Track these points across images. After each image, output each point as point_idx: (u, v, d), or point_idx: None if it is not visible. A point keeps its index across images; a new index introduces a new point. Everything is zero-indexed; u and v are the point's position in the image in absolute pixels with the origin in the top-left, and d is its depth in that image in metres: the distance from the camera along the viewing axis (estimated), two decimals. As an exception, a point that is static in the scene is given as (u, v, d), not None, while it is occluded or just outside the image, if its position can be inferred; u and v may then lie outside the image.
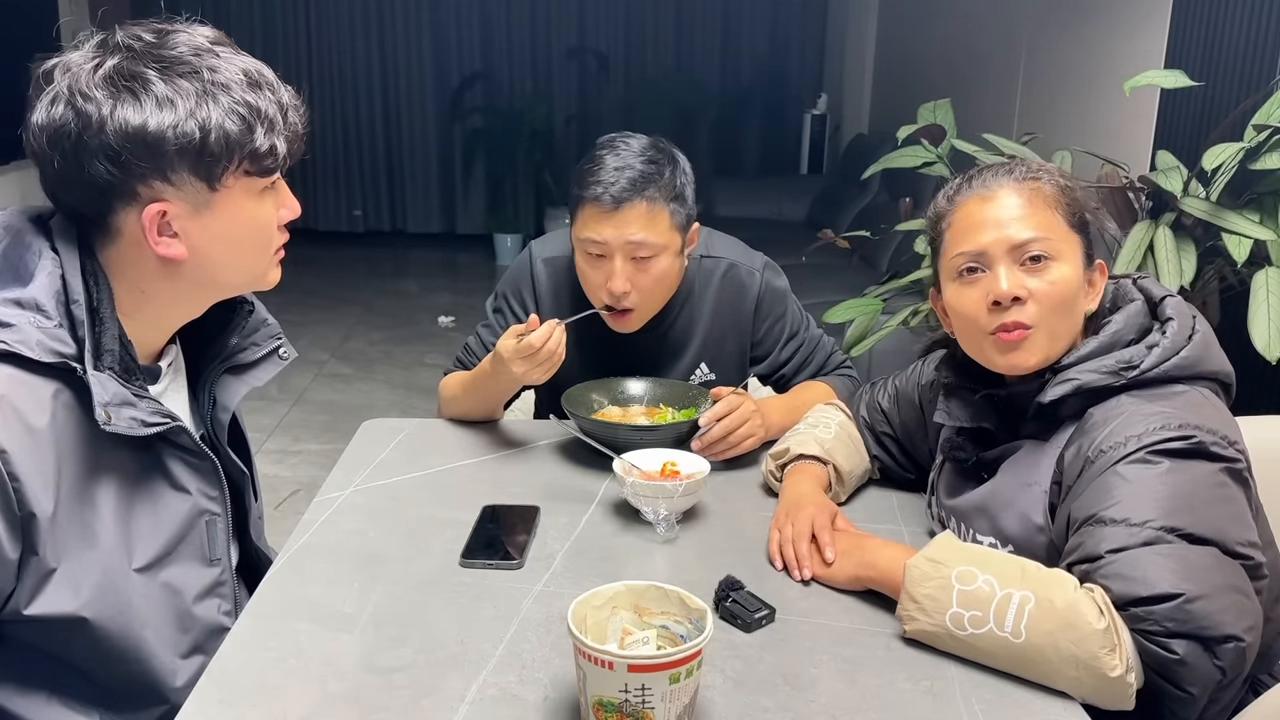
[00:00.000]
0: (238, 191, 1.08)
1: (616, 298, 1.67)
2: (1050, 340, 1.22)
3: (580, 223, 1.66)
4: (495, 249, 6.84)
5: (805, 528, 1.31)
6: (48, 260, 1.06)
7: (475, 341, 1.86)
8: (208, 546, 1.20)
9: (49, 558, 1.03)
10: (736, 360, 1.85)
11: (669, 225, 1.65)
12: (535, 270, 1.85)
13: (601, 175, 1.63)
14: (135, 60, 1.03)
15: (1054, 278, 1.20)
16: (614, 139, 1.70)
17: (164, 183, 1.04)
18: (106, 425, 1.03)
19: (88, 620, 1.07)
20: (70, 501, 1.05)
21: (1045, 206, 1.23)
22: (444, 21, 6.97)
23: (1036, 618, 1.05)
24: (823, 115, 6.41)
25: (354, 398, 4.32)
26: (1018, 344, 1.21)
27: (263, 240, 1.15)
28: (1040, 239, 1.20)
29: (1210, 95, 2.83)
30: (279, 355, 1.31)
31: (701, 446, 1.56)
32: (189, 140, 1.02)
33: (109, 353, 1.07)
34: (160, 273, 1.10)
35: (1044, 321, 1.21)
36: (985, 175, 1.27)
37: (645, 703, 0.93)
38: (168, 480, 1.16)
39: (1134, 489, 1.10)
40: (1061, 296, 1.21)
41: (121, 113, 1.01)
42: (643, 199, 1.62)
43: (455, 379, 1.81)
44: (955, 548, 1.15)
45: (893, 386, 1.56)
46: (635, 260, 1.65)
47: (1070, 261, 1.22)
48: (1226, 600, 1.03)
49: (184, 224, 1.07)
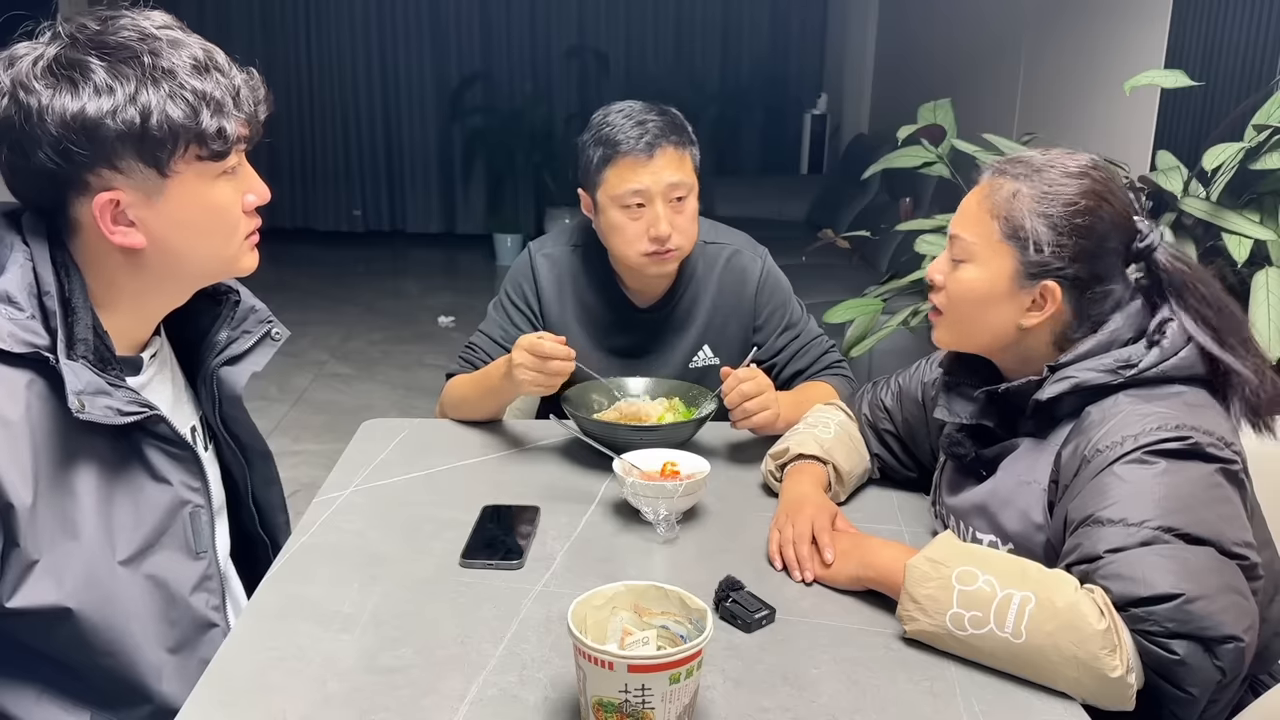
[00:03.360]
0: (190, 177, 1.08)
1: (663, 240, 1.72)
2: (955, 331, 1.32)
3: (613, 180, 1.72)
4: (495, 249, 6.83)
5: (805, 529, 1.31)
6: (19, 253, 1.07)
7: (482, 339, 1.87)
8: (192, 539, 1.20)
9: (30, 549, 1.03)
10: (738, 345, 1.87)
11: (693, 166, 1.75)
12: (536, 264, 1.88)
13: (627, 131, 1.71)
14: (75, 49, 1.03)
15: (960, 275, 1.28)
16: (610, 107, 1.78)
17: (112, 171, 1.05)
18: (80, 413, 1.03)
19: (72, 611, 1.07)
20: (49, 492, 1.05)
21: (983, 210, 1.25)
22: (444, 21, 6.97)
23: (1037, 618, 1.05)
24: (823, 115, 6.41)
25: (354, 398, 4.31)
26: (935, 323, 1.35)
27: (224, 225, 1.14)
28: (959, 240, 1.28)
29: (1210, 95, 2.83)
30: (271, 337, 1.32)
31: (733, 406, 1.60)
32: (130, 126, 1.02)
33: (82, 342, 1.07)
34: (125, 263, 1.11)
35: (949, 309, 1.31)
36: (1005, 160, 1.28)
37: (645, 703, 0.93)
38: (147, 471, 1.16)
39: (1131, 489, 1.10)
40: (962, 295, 1.28)
41: (60, 101, 1.01)
42: (670, 143, 1.72)
43: (464, 380, 1.82)
44: (955, 548, 1.15)
45: (896, 384, 1.56)
46: (672, 203, 1.72)
47: (985, 267, 1.25)
48: (1225, 600, 1.03)
49: (139, 212, 1.08)
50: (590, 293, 1.86)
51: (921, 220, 2.74)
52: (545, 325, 1.87)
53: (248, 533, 1.37)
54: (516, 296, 1.88)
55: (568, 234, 1.92)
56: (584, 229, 1.89)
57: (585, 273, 1.87)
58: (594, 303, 1.86)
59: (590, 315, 1.86)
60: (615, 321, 1.86)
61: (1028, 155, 1.26)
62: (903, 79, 5.52)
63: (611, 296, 1.86)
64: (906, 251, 2.95)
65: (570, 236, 1.91)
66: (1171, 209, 2.17)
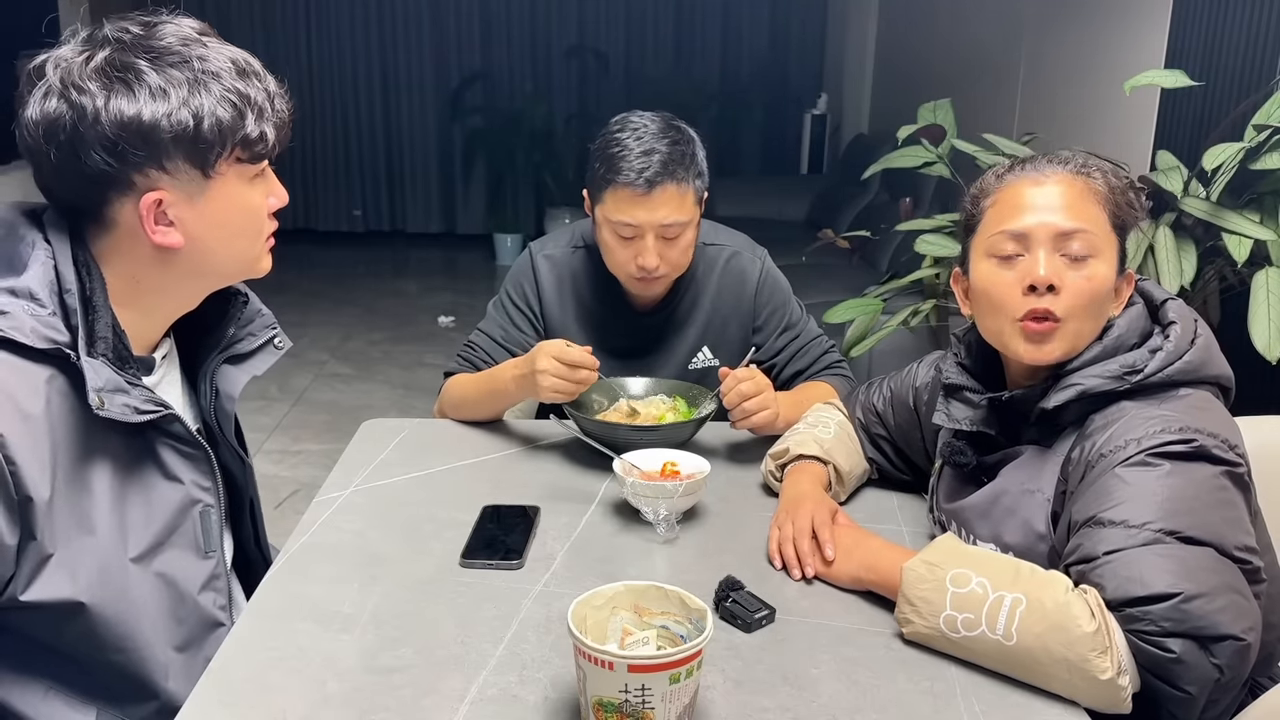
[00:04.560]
0: (230, 178, 1.11)
1: (649, 271, 1.72)
2: (1075, 337, 1.20)
3: (610, 205, 1.70)
4: (495, 249, 6.82)
5: (805, 524, 1.31)
6: (41, 251, 1.08)
7: (482, 339, 1.87)
8: (202, 538, 1.20)
9: (46, 543, 1.04)
10: (738, 346, 1.87)
11: (694, 201, 1.73)
12: (537, 265, 1.88)
13: (630, 160, 1.67)
14: (125, 52, 1.04)
15: (1090, 273, 1.19)
16: (627, 119, 1.74)
17: (160, 171, 1.06)
18: (100, 410, 1.04)
19: (85, 606, 1.07)
20: (66, 487, 1.06)
21: (1094, 202, 1.21)
22: (444, 21, 6.96)
23: (1027, 620, 1.05)
24: (823, 115, 6.40)
25: (354, 398, 4.31)
26: (1045, 335, 1.20)
27: (254, 227, 1.16)
28: (1084, 232, 1.19)
29: (1210, 95, 2.83)
30: (275, 345, 1.32)
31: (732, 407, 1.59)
32: (184, 128, 1.04)
33: (102, 340, 1.08)
34: (155, 261, 1.12)
35: (1072, 316, 1.19)
36: (1039, 161, 1.26)
37: (645, 703, 0.93)
38: (160, 469, 1.16)
39: (1134, 491, 1.09)
40: (1094, 294, 1.19)
41: (116, 103, 1.02)
42: (672, 181, 1.68)
43: (466, 381, 1.81)
44: (952, 550, 1.15)
45: (887, 389, 1.55)
46: (665, 238, 1.71)
47: (1107, 261, 1.21)
48: (1224, 600, 1.02)
49: (179, 211, 1.09)
50: (590, 294, 1.87)
51: (921, 220, 2.74)
52: (545, 326, 1.87)
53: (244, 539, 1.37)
54: (517, 297, 1.88)
55: (568, 235, 1.92)
56: (585, 230, 1.89)
57: (586, 274, 1.87)
58: (594, 304, 1.87)
59: (590, 316, 1.87)
60: (615, 323, 1.86)
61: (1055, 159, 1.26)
62: (903, 79, 5.52)
63: (612, 298, 1.86)
64: (906, 251, 2.95)
65: (571, 238, 1.90)
66: (1171, 209, 2.17)
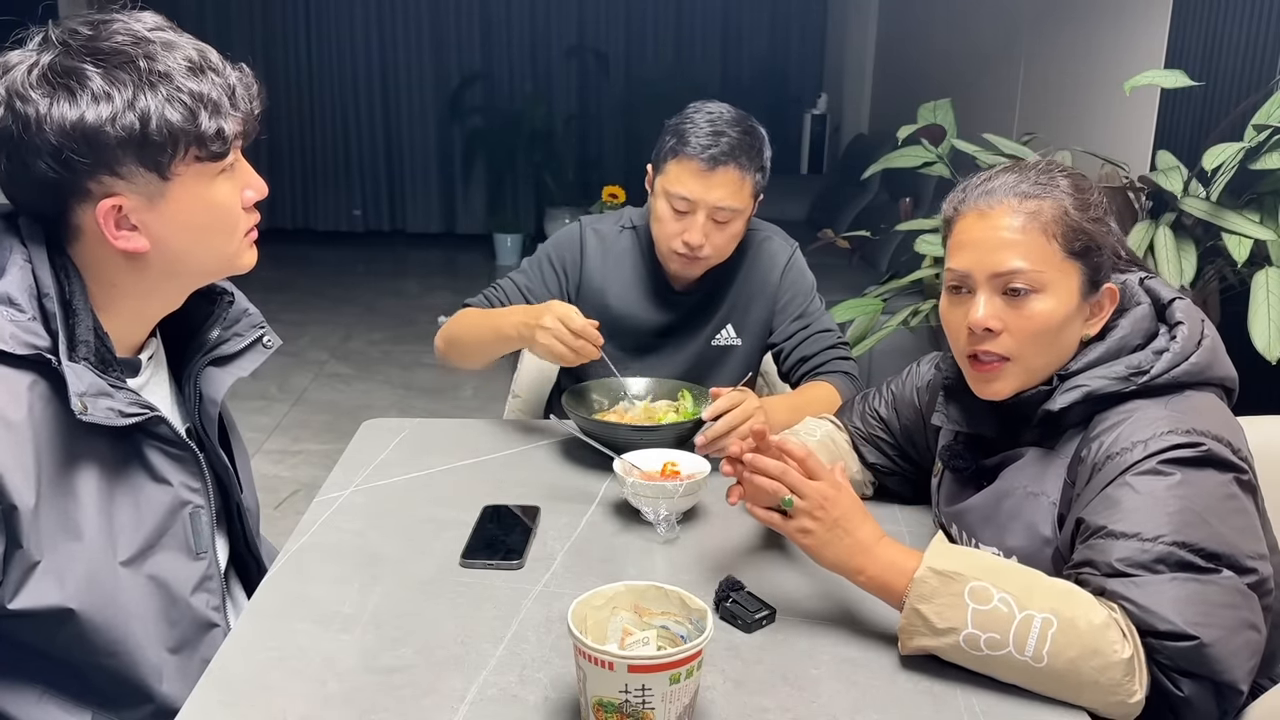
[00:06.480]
0: (190, 178, 1.08)
1: (693, 249, 1.74)
2: (1025, 374, 1.20)
3: (671, 175, 1.74)
4: (495, 249, 6.82)
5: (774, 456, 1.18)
6: (18, 256, 1.07)
7: (508, 284, 1.90)
8: (192, 539, 1.20)
9: (33, 550, 1.04)
10: (761, 328, 1.91)
11: (750, 192, 1.77)
12: (585, 236, 1.92)
13: (700, 136, 1.72)
14: (70, 56, 1.03)
15: (1032, 311, 1.17)
16: (705, 104, 1.80)
17: (113, 177, 1.05)
18: (83, 415, 1.03)
19: (75, 612, 1.07)
20: (51, 494, 1.05)
21: (1039, 233, 1.17)
22: (444, 21, 6.96)
23: (1059, 642, 1.02)
24: (823, 115, 6.40)
25: (354, 398, 4.31)
26: (991, 374, 1.21)
27: (226, 223, 1.14)
28: (1023, 271, 1.16)
29: (1210, 95, 2.83)
30: (263, 344, 1.31)
31: (705, 442, 1.54)
32: (131, 131, 1.02)
33: (84, 344, 1.08)
34: (127, 266, 1.11)
35: (1020, 354, 1.19)
36: (993, 184, 1.21)
37: (645, 703, 0.93)
38: (148, 472, 1.16)
39: (1144, 501, 1.08)
40: (1039, 330, 1.18)
41: (59, 109, 1.01)
42: (735, 165, 1.72)
43: (474, 313, 1.85)
44: (961, 557, 1.10)
45: (889, 392, 1.54)
46: (715, 220, 1.74)
47: (1058, 293, 1.17)
48: (1239, 640, 1.03)
49: (141, 216, 1.08)
50: (631, 271, 1.90)
51: (921, 220, 2.74)
52: (579, 294, 1.90)
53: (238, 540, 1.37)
54: (556, 260, 1.91)
55: (617, 216, 1.98)
56: (634, 214, 1.94)
57: (630, 253, 1.91)
58: (634, 280, 1.90)
59: (627, 291, 1.90)
60: (650, 300, 1.90)
61: (1013, 175, 1.21)
62: (903, 79, 5.52)
63: (652, 277, 1.90)
64: (906, 251, 2.95)
65: (620, 219, 1.96)
66: (1171, 209, 2.17)
